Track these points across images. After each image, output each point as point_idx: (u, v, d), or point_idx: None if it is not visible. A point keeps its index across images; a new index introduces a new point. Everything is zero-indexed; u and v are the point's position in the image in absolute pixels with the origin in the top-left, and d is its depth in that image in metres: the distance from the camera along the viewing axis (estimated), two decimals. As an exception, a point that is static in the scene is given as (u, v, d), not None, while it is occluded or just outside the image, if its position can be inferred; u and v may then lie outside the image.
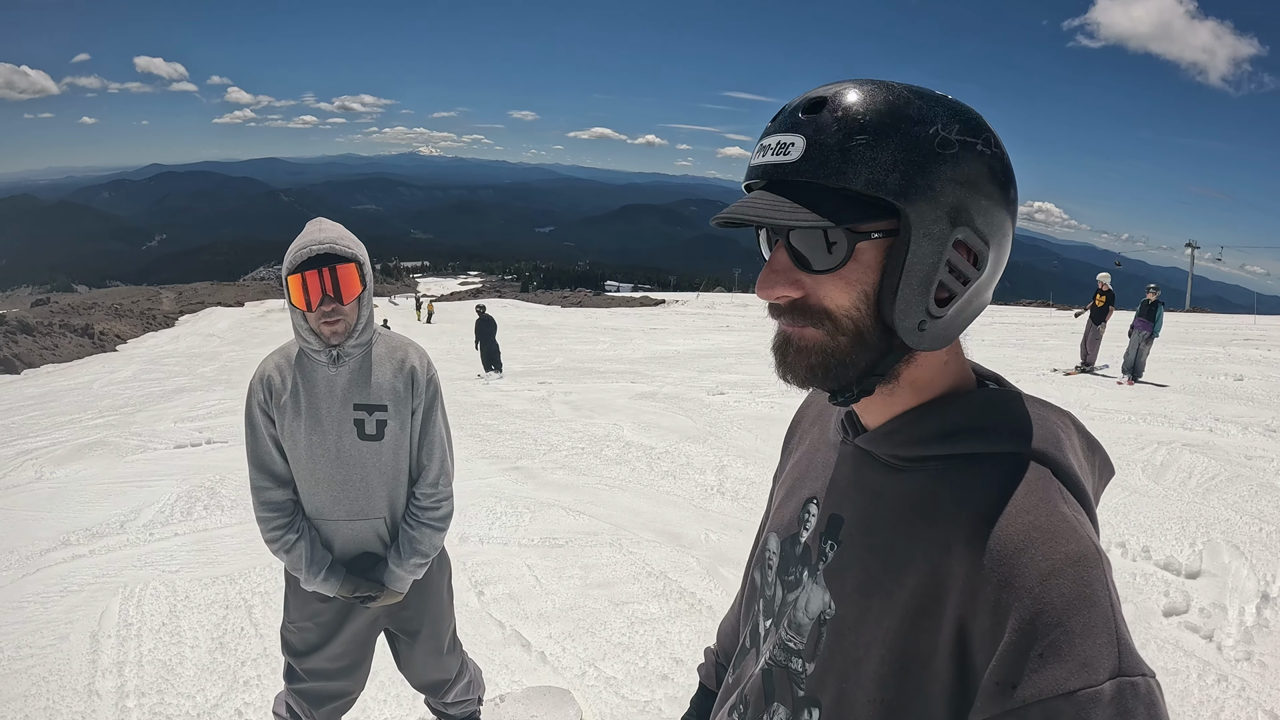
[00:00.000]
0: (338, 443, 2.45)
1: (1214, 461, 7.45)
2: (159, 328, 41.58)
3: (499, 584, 5.02)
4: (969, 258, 0.88)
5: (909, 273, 0.84)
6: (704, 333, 31.37)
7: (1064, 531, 0.80)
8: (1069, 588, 0.76)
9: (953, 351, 0.95)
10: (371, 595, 2.55)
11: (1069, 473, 0.88)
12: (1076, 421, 0.98)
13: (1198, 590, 4.81)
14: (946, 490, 0.89)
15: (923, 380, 0.94)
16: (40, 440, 10.52)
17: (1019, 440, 0.89)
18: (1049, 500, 0.83)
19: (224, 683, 3.92)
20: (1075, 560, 0.78)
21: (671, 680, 3.91)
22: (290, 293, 2.35)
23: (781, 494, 1.20)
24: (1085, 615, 0.75)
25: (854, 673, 0.92)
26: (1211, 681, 3.85)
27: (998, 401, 0.94)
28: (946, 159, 0.83)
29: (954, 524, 0.86)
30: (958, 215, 0.84)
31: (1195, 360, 15.60)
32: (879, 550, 0.93)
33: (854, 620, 0.93)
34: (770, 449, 8.43)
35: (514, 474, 7.86)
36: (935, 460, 0.92)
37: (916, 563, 0.87)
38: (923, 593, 0.86)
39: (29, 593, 5.03)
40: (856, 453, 1.02)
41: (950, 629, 0.82)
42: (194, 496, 7.07)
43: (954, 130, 0.84)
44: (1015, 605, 0.77)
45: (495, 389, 14.69)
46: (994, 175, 0.86)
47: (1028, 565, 0.78)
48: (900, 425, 0.95)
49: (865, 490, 0.99)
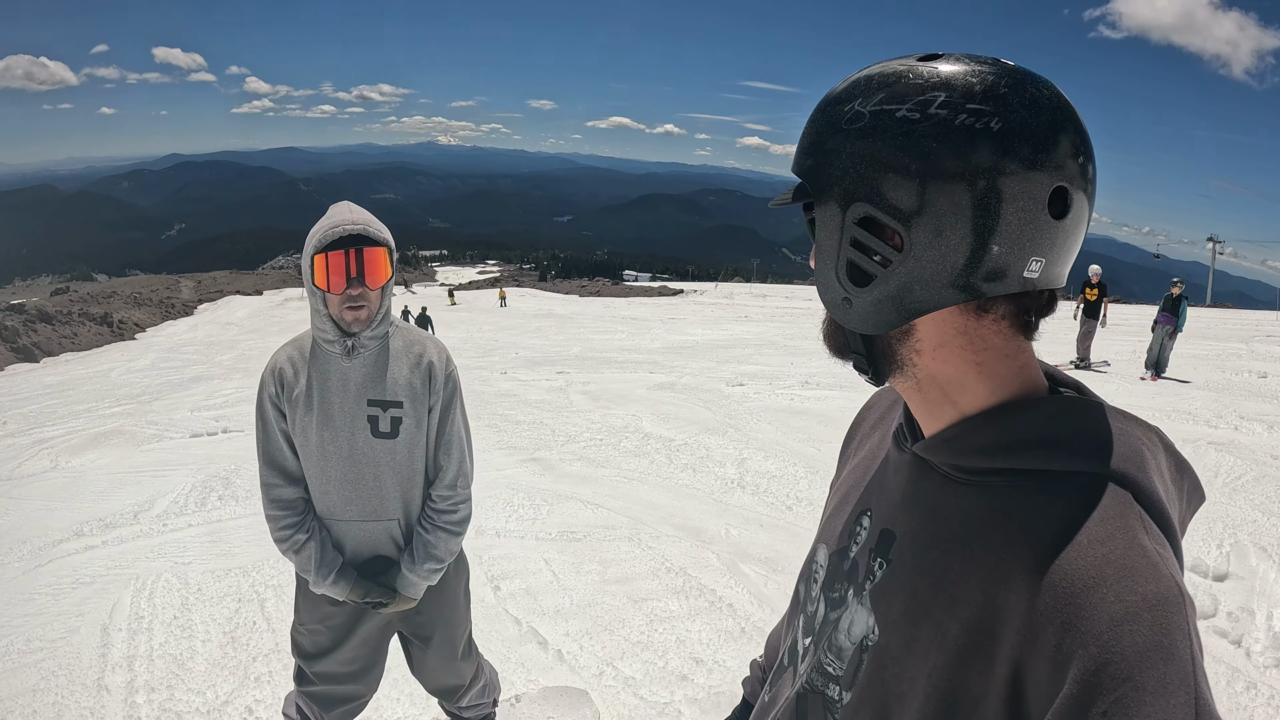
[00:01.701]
0: (350, 440, 2.37)
1: (1240, 460, 7.28)
2: (178, 316, 41.97)
3: (515, 579, 4.95)
4: (887, 237, 0.80)
5: (818, 245, 0.86)
6: (722, 323, 31.38)
7: (1143, 568, 0.69)
8: (1144, 636, 0.66)
9: (994, 352, 0.84)
10: (382, 602, 2.46)
11: (1153, 498, 0.77)
12: (1165, 439, 0.87)
13: (1225, 593, 4.66)
14: (1011, 511, 0.79)
15: (947, 378, 0.86)
16: (56, 429, 10.55)
17: (1097, 458, 0.78)
18: (1128, 530, 0.73)
19: (235, 679, 3.86)
20: (1154, 603, 0.67)
21: (691, 681, 3.82)
22: (314, 273, 2.25)
23: (834, 502, 1.12)
24: (1160, 670, 0.64)
25: (896, 708, 0.84)
26: (1240, 688, 3.73)
27: (1074, 411, 0.83)
28: (850, 132, 0.80)
29: (1017, 552, 0.76)
30: (857, 189, 0.80)
31: (1218, 356, 15.46)
32: (931, 574, 0.84)
33: (898, 650, 0.85)
34: (791, 442, 8.35)
35: (531, 465, 7.80)
36: (1000, 475, 0.82)
37: (972, 593, 0.78)
38: (977, 627, 0.77)
39: (40, 584, 5.00)
40: (914, 462, 0.92)
41: (1004, 672, 0.73)
42: (208, 486, 7.05)
43: (872, 103, 0.79)
44: (1080, 652, 0.67)
45: (513, 379, 14.64)
46: (922, 145, 0.76)
47: (1098, 607, 0.68)
48: (961, 432, 0.85)
49: (921, 505, 0.90)
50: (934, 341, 0.84)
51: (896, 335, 0.86)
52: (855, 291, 0.83)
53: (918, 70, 0.79)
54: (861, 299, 0.83)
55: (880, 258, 0.80)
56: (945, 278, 0.79)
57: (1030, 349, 0.86)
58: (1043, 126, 0.76)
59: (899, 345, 0.86)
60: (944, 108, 0.76)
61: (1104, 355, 15.04)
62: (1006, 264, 0.78)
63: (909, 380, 0.88)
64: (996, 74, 0.77)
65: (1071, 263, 0.84)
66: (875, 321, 0.84)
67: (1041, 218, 0.77)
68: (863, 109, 0.79)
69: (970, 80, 0.77)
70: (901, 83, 0.78)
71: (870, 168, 0.78)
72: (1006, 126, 0.75)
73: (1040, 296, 0.83)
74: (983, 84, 0.76)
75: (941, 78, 0.77)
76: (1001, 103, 0.76)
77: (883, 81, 0.80)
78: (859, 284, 0.83)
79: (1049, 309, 0.85)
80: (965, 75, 0.77)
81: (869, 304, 0.83)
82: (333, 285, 2.24)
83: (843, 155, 0.80)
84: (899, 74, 0.79)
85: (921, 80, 0.78)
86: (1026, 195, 0.76)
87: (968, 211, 0.76)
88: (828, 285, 0.86)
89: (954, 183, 0.75)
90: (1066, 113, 0.78)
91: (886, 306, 0.82)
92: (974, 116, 0.75)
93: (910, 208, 0.77)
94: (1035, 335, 0.85)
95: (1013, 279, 0.79)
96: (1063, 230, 0.79)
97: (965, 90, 0.76)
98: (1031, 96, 0.77)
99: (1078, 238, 0.81)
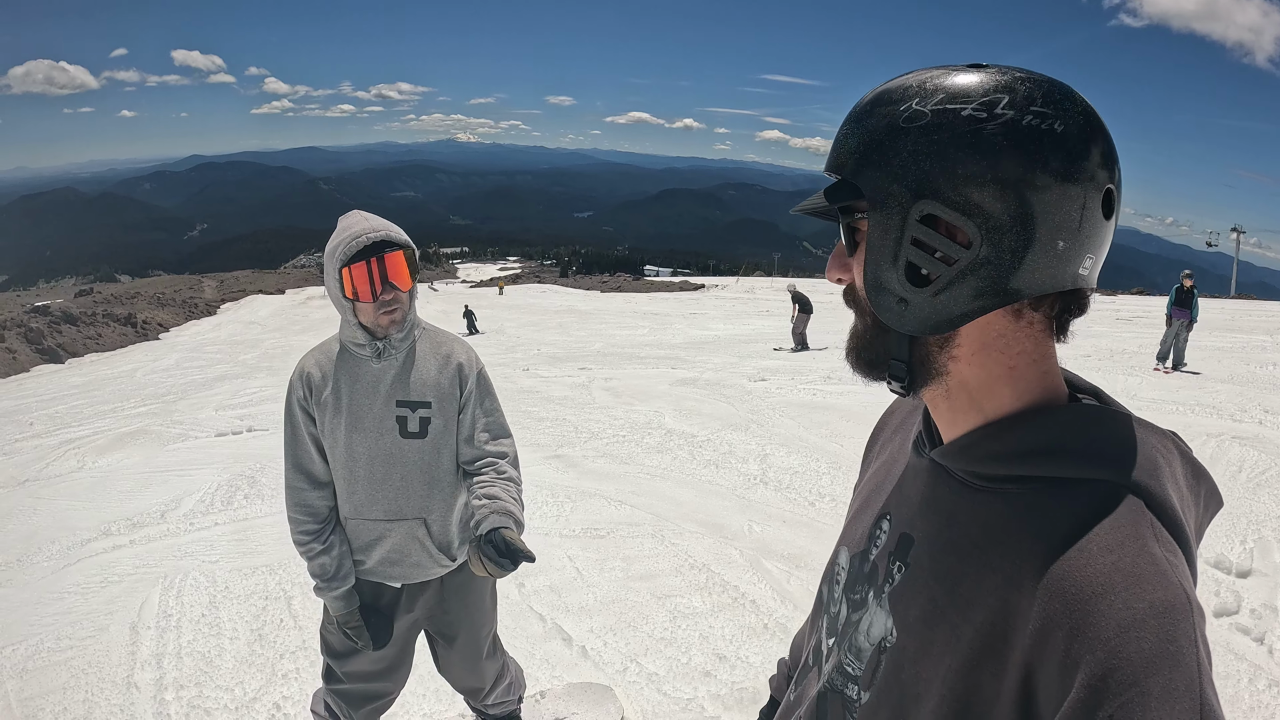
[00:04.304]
0: (378, 440, 2.38)
1: (1264, 455, 7.18)
2: (201, 316, 42.26)
3: (540, 576, 4.94)
4: (951, 234, 0.80)
5: (870, 247, 0.84)
6: (744, 318, 31.31)
7: (1151, 576, 0.70)
8: (1150, 643, 0.67)
9: (1026, 356, 0.85)
10: (355, 641, 2.49)
11: (1165, 506, 0.78)
12: (1181, 444, 0.88)
13: (1248, 590, 4.59)
14: (1025, 518, 0.80)
15: (978, 383, 0.86)
16: (83, 429, 10.66)
17: (1111, 465, 0.79)
18: (1138, 538, 0.74)
19: (263, 675, 3.88)
20: (1161, 611, 0.68)
21: (714, 677, 3.82)
22: (344, 285, 2.25)
23: (856, 506, 1.14)
24: (1166, 676, 0.65)
25: (912, 709, 0.86)
26: (1263, 687, 3.66)
27: (1091, 419, 0.84)
28: (910, 131, 0.79)
29: (1029, 558, 0.77)
30: (921, 187, 0.79)
31: (1242, 349, 15.23)
32: (947, 578, 0.85)
33: (915, 652, 0.87)
34: (814, 437, 8.32)
35: (555, 462, 7.81)
36: (1015, 482, 0.83)
37: (986, 597, 0.80)
38: (990, 631, 0.78)
39: (70, 583, 5.05)
40: (933, 467, 0.94)
41: (1016, 675, 0.75)
42: (234, 485, 7.11)
43: (933, 102, 0.79)
44: (1087, 658, 0.68)
45: (535, 375, 14.67)
46: (992, 143, 0.77)
47: (1105, 613, 0.69)
48: (979, 439, 0.86)
49: (938, 510, 0.91)
50: (974, 346, 0.84)
51: (937, 341, 0.85)
52: (914, 292, 0.82)
53: (971, 76, 0.79)
54: (920, 299, 0.82)
55: (943, 256, 0.80)
56: (1011, 275, 0.79)
57: (1055, 353, 0.87)
58: (1096, 131, 0.79)
59: (938, 352, 0.86)
60: (1010, 108, 0.77)
61: (1116, 346, 14.91)
62: (1067, 261, 0.79)
63: (940, 388, 0.88)
64: (1048, 81, 0.79)
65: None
66: (934, 322, 0.83)
67: (1097, 216, 0.79)
68: (922, 108, 0.79)
69: (1028, 85, 0.78)
70: (960, 85, 0.79)
71: (936, 165, 0.77)
72: (1068, 129, 0.77)
73: (1079, 296, 0.84)
74: (1039, 89, 0.78)
75: (1000, 83, 0.78)
76: (1060, 107, 0.77)
77: (938, 85, 0.80)
78: (918, 284, 0.82)
79: (1082, 309, 0.85)
80: (1022, 81, 0.78)
81: (928, 304, 0.82)
82: (362, 294, 2.24)
83: (902, 153, 0.79)
84: (953, 79, 0.80)
85: (979, 84, 0.78)
86: (1087, 195, 0.77)
87: (1036, 209, 0.77)
88: (880, 287, 0.84)
89: (1024, 181, 0.76)
90: (1101, 120, 0.81)
91: (949, 305, 0.81)
92: (1039, 118, 0.76)
93: (979, 205, 0.77)
94: (1068, 337, 0.86)
95: (1068, 277, 0.80)
96: (1108, 229, 0.81)
97: (1027, 94, 0.77)
98: (1081, 104, 0.79)
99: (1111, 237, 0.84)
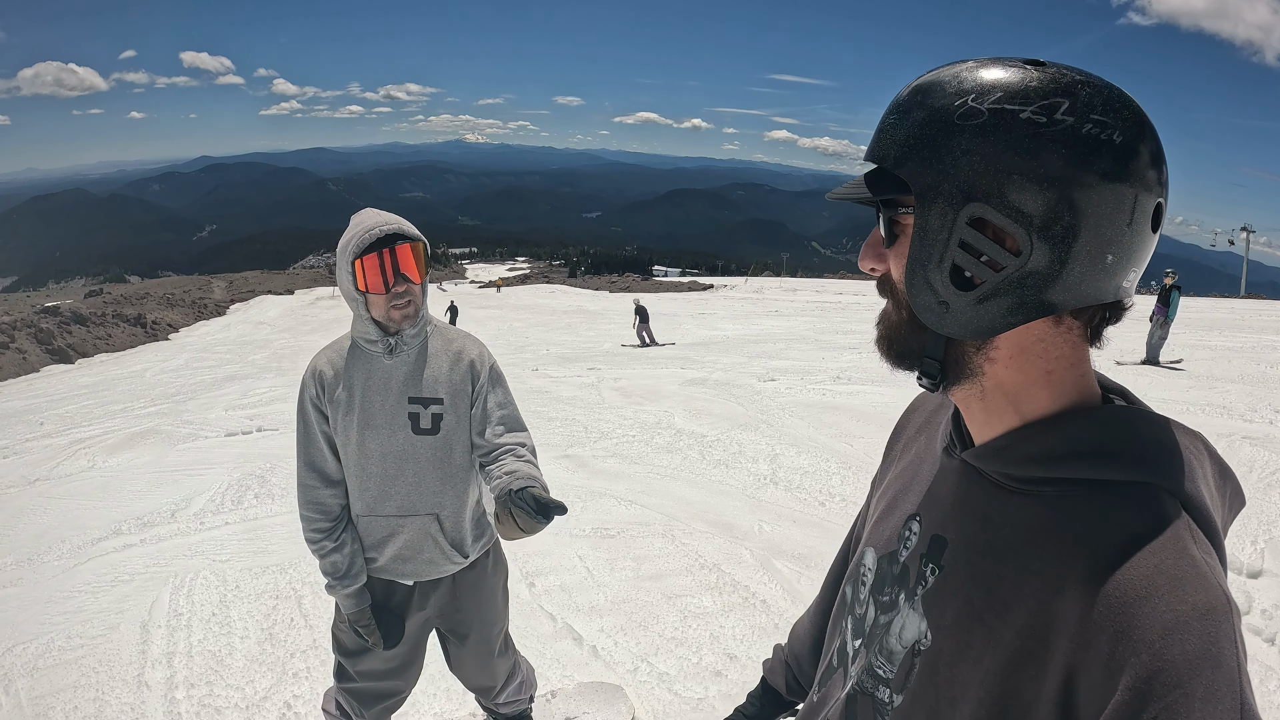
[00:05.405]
0: (391, 437, 2.37)
1: (1275, 455, 7.11)
2: (210, 316, 42.42)
3: (550, 575, 4.94)
4: (1000, 239, 0.78)
5: (915, 246, 0.82)
6: (753, 318, 31.29)
7: (1192, 578, 0.71)
8: (1194, 645, 0.67)
9: (1064, 360, 0.84)
10: (366, 640, 2.49)
11: (1200, 507, 0.79)
12: (1209, 445, 0.88)
13: (1260, 590, 4.56)
14: (1064, 521, 0.80)
15: (1015, 386, 0.85)
16: (93, 429, 10.69)
17: (1148, 468, 0.79)
18: (1178, 540, 0.74)
19: (273, 674, 3.88)
20: (1203, 613, 0.69)
21: (725, 677, 3.80)
22: (357, 277, 2.25)
23: (882, 506, 1.11)
24: (1209, 677, 0.66)
25: (947, 712, 0.85)
26: (1274, 688, 3.62)
27: (1125, 421, 0.83)
28: (965, 129, 0.77)
29: (1070, 562, 0.77)
30: (973, 188, 0.76)
31: (1253, 349, 15.14)
32: (985, 581, 0.84)
33: (951, 655, 0.86)
34: (824, 437, 8.30)
35: (564, 462, 7.80)
36: (1052, 484, 0.82)
37: (1025, 600, 0.79)
38: (1030, 634, 0.78)
39: (80, 582, 5.06)
40: (964, 468, 0.93)
41: (1057, 678, 0.74)
42: (244, 485, 7.12)
43: (989, 100, 0.76)
44: (1132, 660, 0.68)
45: (545, 375, 14.67)
46: (1050, 150, 0.74)
47: (1149, 616, 0.69)
48: (1014, 441, 0.85)
49: (972, 512, 0.90)
50: (1012, 349, 0.83)
51: (974, 343, 0.84)
52: (957, 295, 0.80)
53: (1032, 74, 0.77)
54: (962, 303, 0.80)
55: (989, 261, 0.78)
56: (1057, 286, 0.78)
57: (1090, 358, 0.86)
58: (1152, 143, 0.77)
59: (974, 353, 0.85)
60: (1069, 114, 0.74)
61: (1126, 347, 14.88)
62: (1113, 275, 0.78)
63: (973, 388, 0.87)
64: (1107, 87, 0.77)
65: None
66: (975, 327, 0.81)
67: (1145, 230, 0.78)
68: (979, 105, 0.77)
69: (1089, 90, 0.76)
70: (1019, 84, 0.76)
71: (992, 168, 0.75)
72: (1126, 141, 0.75)
73: (1117, 306, 0.83)
74: (1099, 95, 0.76)
75: (1060, 85, 0.76)
76: (1119, 117, 0.75)
77: (996, 81, 0.77)
78: (961, 287, 0.80)
79: (1118, 318, 0.85)
80: (1082, 85, 0.76)
81: (970, 309, 0.80)
82: (373, 286, 2.24)
83: (955, 152, 0.77)
84: (1010, 75, 0.78)
85: (1039, 84, 0.76)
86: (1140, 209, 0.76)
87: (1089, 220, 0.75)
88: (921, 287, 0.82)
89: (1081, 190, 0.74)
90: (1155, 130, 0.79)
91: (992, 313, 0.80)
92: (1099, 127, 0.74)
93: (1033, 212, 0.75)
94: (1102, 343, 0.85)
95: (1112, 289, 0.79)
96: (1153, 243, 0.80)
97: (1088, 99, 0.75)
98: (1139, 113, 0.77)
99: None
